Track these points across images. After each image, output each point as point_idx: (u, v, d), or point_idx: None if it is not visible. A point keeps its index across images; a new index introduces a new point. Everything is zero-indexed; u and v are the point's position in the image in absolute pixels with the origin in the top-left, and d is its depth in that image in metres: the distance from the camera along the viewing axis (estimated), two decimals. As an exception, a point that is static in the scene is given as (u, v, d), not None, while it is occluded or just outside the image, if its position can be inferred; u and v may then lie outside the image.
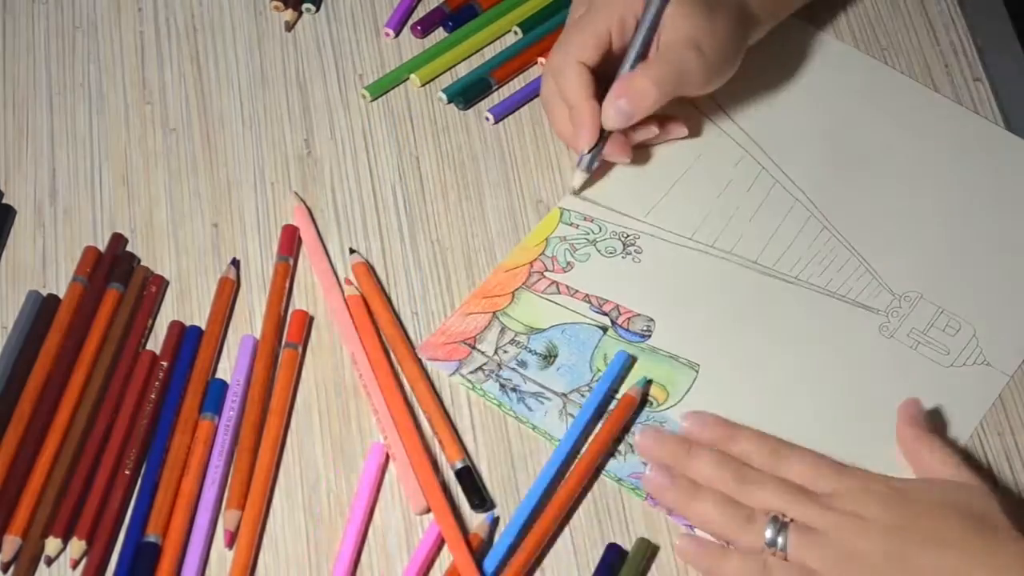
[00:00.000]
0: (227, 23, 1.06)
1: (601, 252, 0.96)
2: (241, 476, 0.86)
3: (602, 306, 0.94)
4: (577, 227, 0.97)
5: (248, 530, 0.85)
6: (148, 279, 0.95)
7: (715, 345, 0.93)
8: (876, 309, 0.94)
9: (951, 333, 0.93)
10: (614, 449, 0.89)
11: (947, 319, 0.93)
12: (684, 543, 0.84)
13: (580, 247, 0.96)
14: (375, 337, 0.92)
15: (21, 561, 0.83)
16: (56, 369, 0.90)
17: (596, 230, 0.97)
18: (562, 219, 0.98)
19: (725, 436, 0.87)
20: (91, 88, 1.03)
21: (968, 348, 0.92)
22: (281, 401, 0.89)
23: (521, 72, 1.04)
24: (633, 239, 0.97)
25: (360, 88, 1.03)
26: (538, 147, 1.01)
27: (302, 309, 0.93)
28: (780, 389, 0.91)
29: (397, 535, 0.86)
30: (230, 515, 0.85)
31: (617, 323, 0.93)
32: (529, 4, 1.07)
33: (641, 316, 0.93)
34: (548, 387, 0.91)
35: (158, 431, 0.88)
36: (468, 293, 0.95)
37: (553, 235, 0.97)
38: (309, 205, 0.98)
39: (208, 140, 1.01)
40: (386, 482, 0.87)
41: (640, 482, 0.87)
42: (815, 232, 0.97)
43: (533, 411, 0.90)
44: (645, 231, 0.97)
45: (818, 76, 1.04)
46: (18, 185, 0.99)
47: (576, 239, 0.97)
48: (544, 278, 0.95)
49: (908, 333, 0.93)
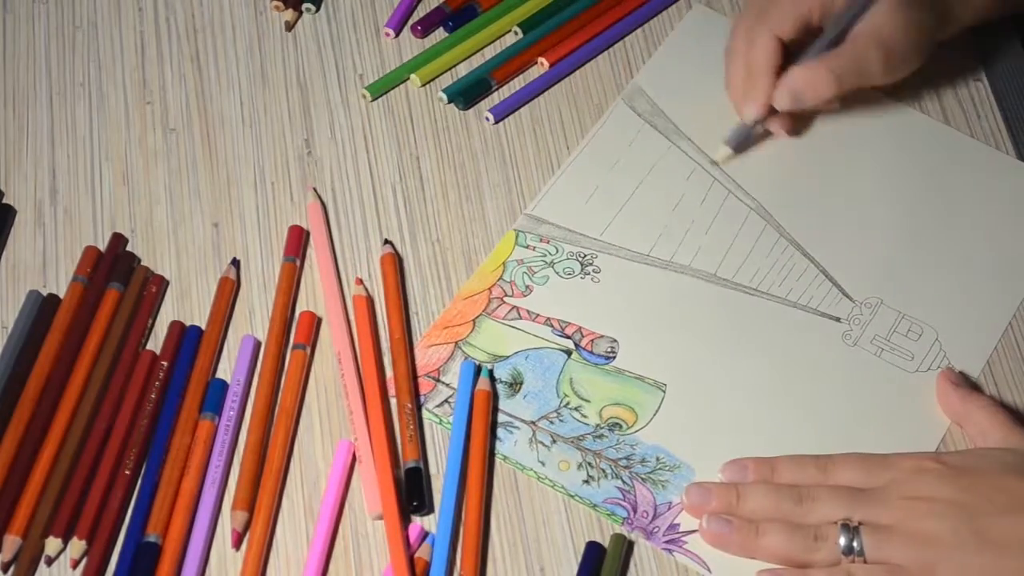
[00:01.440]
0: (227, 23, 1.06)
1: (559, 273, 0.95)
2: (248, 476, 0.86)
3: (564, 329, 0.93)
4: (534, 249, 0.96)
5: (259, 531, 0.85)
6: (148, 279, 0.95)
7: (680, 363, 0.92)
8: (838, 317, 0.93)
9: (914, 338, 0.93)
10: (494, 439, 0.88)
11: (908, 324, 0.93)
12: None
13: (538, 269, 0.95)
14: (370, 338, 0.92)
15: (21, 561, 0.84)
16: (56, 369, 0.90)
17: (553, 251, 0.96)
18: (517, 242, 0.97)
19: (767, 471, 0.86)
20: (91, 88, 1.03)
21: (932, 352, 0.92)
22: (289, 402, 0.89)
23: (521, 72, 1.04)
24: (591, 259, 0.96)
25: (360, 88, 1.03)
26: (538, 147, 1.01)
27: (310, 311, 0.93)
28: (748, 403, 0.91)
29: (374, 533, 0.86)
30: (237, 516, 0.85)
31: (580, 346, 0.92)
32: (529, 4, 1.07)
33: (604, 338, 0.92)
34: (516, 416, 0.90)
35: (158, 431, 0.88)
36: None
37: (510, 259, 0.96)
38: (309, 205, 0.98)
39: (208, 140, 1.01)
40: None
41: (616, 508, 0.86)
42: (772, 242, 0.96)
43: (503, 441, 0.89)
44: (602, 250, 0.96)
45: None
46: (18, 185, 0.99)
47: (533, 261, 0.96)
48: (504, 303, 0.94)
49: (871, 340, 0.93)
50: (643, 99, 1.02)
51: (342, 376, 0.90)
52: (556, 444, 0.89)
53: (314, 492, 0.87)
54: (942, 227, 0.97)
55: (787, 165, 1.00)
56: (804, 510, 0.83)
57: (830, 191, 0.99)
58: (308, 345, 0.92)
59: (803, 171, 1.00)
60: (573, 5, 1.07)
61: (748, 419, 0.90)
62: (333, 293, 0.94)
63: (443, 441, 0.89)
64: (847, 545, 0.81)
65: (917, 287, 0.95)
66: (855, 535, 0.81)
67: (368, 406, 0.89)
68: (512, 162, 1.01)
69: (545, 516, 0.87)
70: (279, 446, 0.88)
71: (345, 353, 0.91)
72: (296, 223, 0.97)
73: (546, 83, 1.04)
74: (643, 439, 0.89)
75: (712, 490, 0.86)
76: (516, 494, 0.88)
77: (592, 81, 1.04)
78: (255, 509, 0.86)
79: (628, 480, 0.88)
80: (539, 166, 1.00)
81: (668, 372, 0.92)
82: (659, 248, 0.96)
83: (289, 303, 0.93)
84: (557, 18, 1.06)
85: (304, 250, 0.96)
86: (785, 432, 0.89)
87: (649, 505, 0.87)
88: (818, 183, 0.99)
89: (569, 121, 1.02)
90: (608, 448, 0.89)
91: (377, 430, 0.88)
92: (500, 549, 0.86)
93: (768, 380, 0.91)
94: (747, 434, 0.89)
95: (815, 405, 0.91)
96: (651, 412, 0.90)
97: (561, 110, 1.03)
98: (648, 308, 0.94)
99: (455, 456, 0.87)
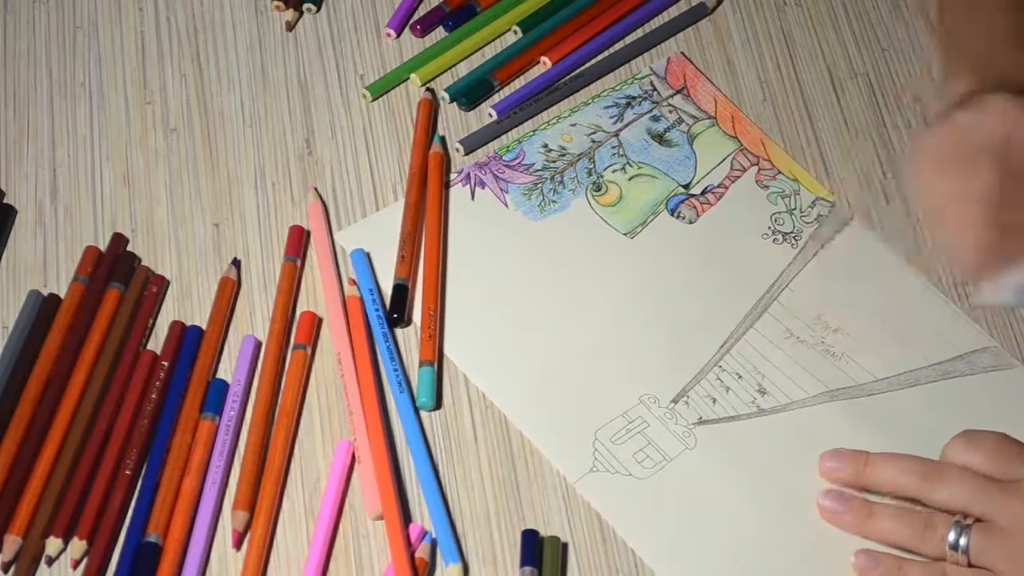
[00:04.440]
0: (228, 23, 1.06)
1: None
2: (249, 477, 0.86)
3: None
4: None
5: (260, 532, 0.85)
6: (149, 279, 0.95)
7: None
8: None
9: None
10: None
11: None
12: (861, 559, 0.83)
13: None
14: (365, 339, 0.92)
15: (22, 561, 0.83)
16: (57, 369, 0.90)
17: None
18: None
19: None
20: (92, 88, 1.03)
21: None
22: (290, 402, 0.89)
23: (523, 72, 1.04)
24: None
25: (361, 88, 1.03)
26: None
27: (311, 311, 0.93)
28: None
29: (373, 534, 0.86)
30: (238, 516, 0.85)
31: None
32: (528, 3, 1.07)
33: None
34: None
35: (159, 431, 0.88)
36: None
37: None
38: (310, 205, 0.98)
39: (209, 140, 1.01)
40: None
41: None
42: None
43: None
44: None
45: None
46: (19, 185, 0.99)
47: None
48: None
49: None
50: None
51: (342, 376, 0.90)
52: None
53: (314, 492, 0.87)
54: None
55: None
56: (926, 488, 0.83)
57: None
58: (309, 345, 0.92)
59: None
60: (572, 4, 1.07)
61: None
62: (333, 293, 0.94)
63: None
64: (954, 541, 0.80)
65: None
66: (965, 532, 0.80)
67: (365, 407, 0.89)
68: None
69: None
70: (280, 446, 0.88)
71: (345, 354, 0.91)
72: (297, 223, 0.97)
73: (549, 81, 1.03)
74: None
75: (845, 456, 0.86)
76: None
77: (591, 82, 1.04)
78: (256, 509, 0.86)
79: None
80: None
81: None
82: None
83: (290, 303, 0.93)
84: (557, 17, 1.06)
85: (305, 250, 0.96)
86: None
87: None
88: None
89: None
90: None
91: (375, 431, 0.88)
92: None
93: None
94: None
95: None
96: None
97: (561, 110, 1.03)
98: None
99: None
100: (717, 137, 1.01)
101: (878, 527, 0.83)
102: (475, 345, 0.92)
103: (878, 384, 0.91)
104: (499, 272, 0.95)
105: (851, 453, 0.86)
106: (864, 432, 0.89)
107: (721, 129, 1.01)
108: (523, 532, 0.85)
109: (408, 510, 0.86)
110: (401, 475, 0.88)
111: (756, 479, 0.87)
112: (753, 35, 1.07)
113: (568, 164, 1.00)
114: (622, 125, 1.01)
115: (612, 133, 1.01)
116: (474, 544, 0.85)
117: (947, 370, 0.92)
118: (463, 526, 0.86)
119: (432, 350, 0.91)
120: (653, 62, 1.05)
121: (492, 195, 0.98)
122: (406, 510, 0.86)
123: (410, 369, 0.91)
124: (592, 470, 0.87)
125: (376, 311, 0.92)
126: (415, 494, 0.87)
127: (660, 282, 0.95)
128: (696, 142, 1.01)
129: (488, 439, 0.89)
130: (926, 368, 0.92)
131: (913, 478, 0.83)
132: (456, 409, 0.90)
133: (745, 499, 0.87)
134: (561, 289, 0.95)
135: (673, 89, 1.03)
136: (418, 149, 0.99)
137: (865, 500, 0.85)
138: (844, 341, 0.92)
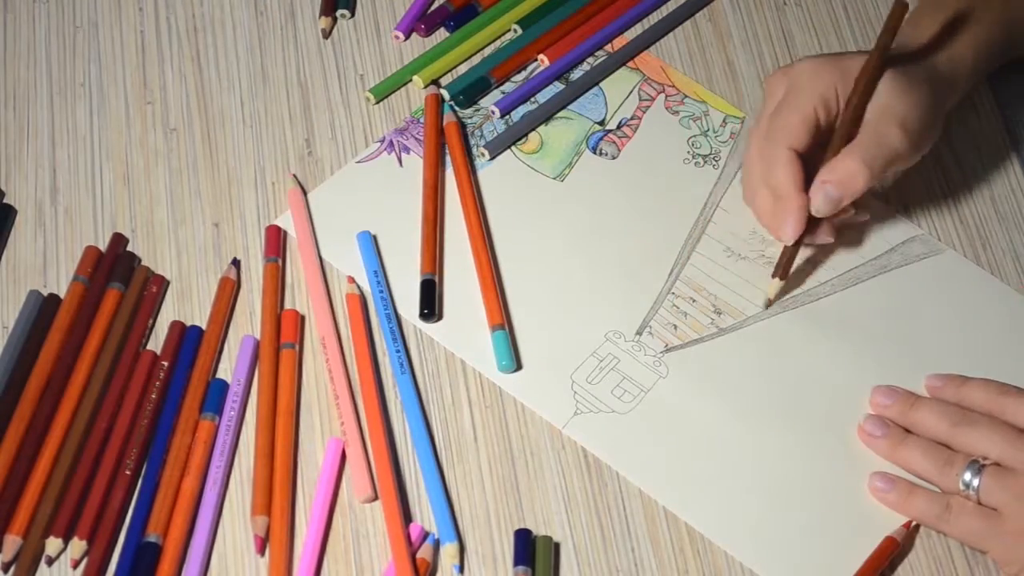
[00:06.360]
0: (228, 23, 1.06)
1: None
2: (262, 481, 0.86)
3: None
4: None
5: (279, 534, 0.85)
6: (149, 279, 0.95)
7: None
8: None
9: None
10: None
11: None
12: (877, 481, 0.87)
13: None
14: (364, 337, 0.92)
15: (22, 561, 0.84)
16: (57, 369, 0.90)
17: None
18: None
19: (957, 384, 0.89)
20: (92, 88, 1.03)
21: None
22: (286, 402, 0.89)
23: (520, 69, 1.04)
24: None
25: (361, 88, 1.03)
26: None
27: (292, 309, 0.93)
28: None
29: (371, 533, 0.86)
30: (258, 521, 0.85)
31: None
32: (528, 1, 1.07)
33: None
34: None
35: (159, 431, 0.88)
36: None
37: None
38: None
39: (209, 140, 1.01)
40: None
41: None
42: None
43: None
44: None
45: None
46: (19, 185, 0.99)
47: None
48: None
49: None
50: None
51: (327, 361, 0.90)
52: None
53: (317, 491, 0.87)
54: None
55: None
56: (956, 433, 0.87)
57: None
58: (295, 344, 0.92)
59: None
60: (570, 3, 1.07)
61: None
62: (315, 277, 0.94)
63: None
64: (968, 480, 0.84)
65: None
66: (979, 472, 0.84)
67: (366, 407, 0.89)
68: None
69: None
70: (284, 447, 0.88)
71: (330, 338, 0.91)
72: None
73: (548, 78, 1.03)
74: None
75: (897, 395, 0.90)
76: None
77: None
78: (272, 512, 0.85)
79: None
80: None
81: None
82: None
83: (277, 303, 0.93)
84: (554, 15, 1.06)
85: (284, 248, 0.96)
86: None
87: None
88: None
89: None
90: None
91: (375, 429, 0.88)
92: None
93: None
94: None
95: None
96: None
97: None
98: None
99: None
100: (620, 71, 1.04)
101: (906, 455, 0.87)
102: (447, 314, 0.94)
103: (823, 288, 0.95)
104: (444, 235, 0.97)
105: (903, 394, 0.90)
106: (821, 340, 0.93)
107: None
108: (516, 532, 0.85)
109: (408, 511, 0.86)
110: (402, 476, 0.88)
111: (730, 395, 0.91)
112: (753, 35, 1.07)
113: (484, 118, 1.01)
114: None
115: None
116: (474, 544, 0.85)
117: (884, 264, 0.96)
118: (463, 526, 0.86)
119: (499, 313, 0.92)
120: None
121: (418, 159, 0.99)
122: (406, 510, 0.86)
123: (412, 350, 0.92)
124: (576, 413, 0.90)
125: (381, 293, 0.93)
126: (416, 495, 0.87)
127: (599, 220, 0.98)
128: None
129: (488, 439, 0.89)
130: (864, 265, 0.96)
131: (945, 423, 0.87)
132: (456, 409, 0.90)
133: (725, 415, 0.90)
134: (506, 241, 0.96)
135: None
136: (429, 142, 0.99)
137: (902, 430, 0.89)
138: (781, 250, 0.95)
